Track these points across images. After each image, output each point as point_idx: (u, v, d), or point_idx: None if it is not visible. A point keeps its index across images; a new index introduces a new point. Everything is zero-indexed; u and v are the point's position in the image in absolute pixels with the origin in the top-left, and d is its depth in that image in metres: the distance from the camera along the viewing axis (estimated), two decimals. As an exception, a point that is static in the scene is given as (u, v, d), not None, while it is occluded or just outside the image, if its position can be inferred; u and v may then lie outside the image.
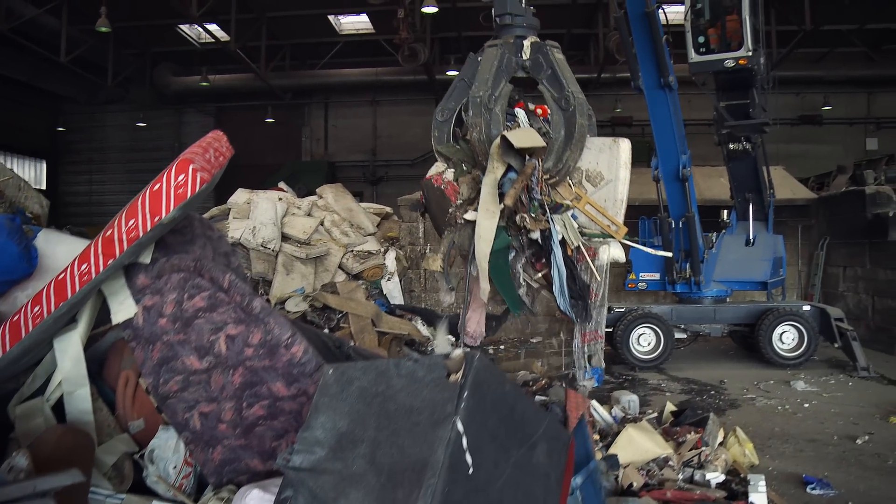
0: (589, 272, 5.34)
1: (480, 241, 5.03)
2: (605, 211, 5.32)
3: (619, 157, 5.37)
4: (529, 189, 5.09)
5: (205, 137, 2.91)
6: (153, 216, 2.41)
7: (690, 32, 8.73)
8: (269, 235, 11.32)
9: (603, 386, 8.11)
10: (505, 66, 5.35)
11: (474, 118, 5.20)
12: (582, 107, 5.19)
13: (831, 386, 8.01)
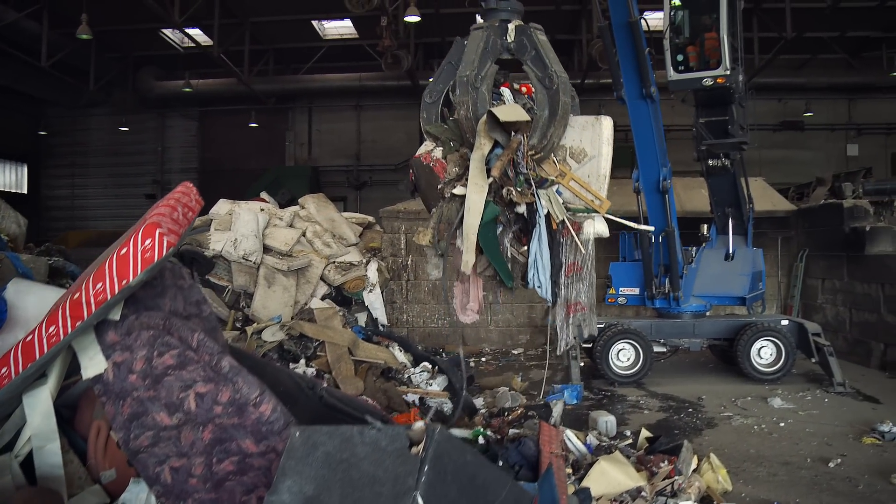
0: (573, 246, 5.47)
1: (470, 214, 5.15)
2: (589, 186, 5.46)
3: (601, 134, 5.52)
4: (515, 163, 5.27)
5: (174, 192, 2.92)
6: (120, 279, 2.43)
7: (669, 51, 8.77)
8: (250, 248, 11.33)
9: (581, 403, 8.20)
10: (490, 47, 5.48)
11: (461, 97, 5.36)
12: (565, 85, 5.28)
13: (807, 402, 8.09)
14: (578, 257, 5.55)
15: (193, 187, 3.13)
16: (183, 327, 2.67)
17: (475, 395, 8.37)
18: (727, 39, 8.42)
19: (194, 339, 2.64)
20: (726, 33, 8.42)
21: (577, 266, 5.59)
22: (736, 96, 8.90)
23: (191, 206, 2.88)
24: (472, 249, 5.20)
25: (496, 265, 5.59)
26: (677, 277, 9.18)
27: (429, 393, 5.90)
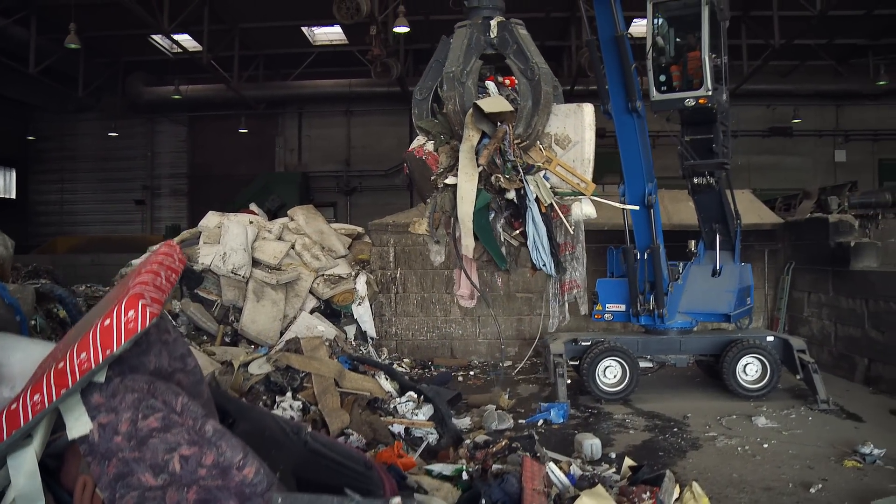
0: (563, 228, 5.80)
1: (463, 202, 5.50)
2: (574, 170, 5.76)
3: (584, 120, 5.84)
4: (503, 152, 5.60)
5: (158, 253, 2.95)
6: (104, 349, 2.47)
7: (651, 71, 8.83)
8: (239, 262, 11.34)
9: (568, 422, 8.26)
10: (474, 44, 5.78)
11: (449, 92, 5.61)
12: (546, 76, 5.57)
13: (791, 421, 8.16)
14: (569, 238, 5.94)
15: (177, 246, 3.16)
16: (167, 391, 2.71)
17: (462, 413, 8.45)
18: (709, 59, 8.48)
19: (178, 403, 2.68)
20: (708, 54, 8.48)
21: (571, 246, 5.97)
22: (720, 116, 8.96)
23: (174, 268, 2.91)
24: (470, 234, 5.59)
25: (489, 249, 6.04)
26: (662, 295, 9.24)
27: (414, 423, 5.94)
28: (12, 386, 3.15)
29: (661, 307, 9.25)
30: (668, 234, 10.99)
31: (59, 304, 7.28)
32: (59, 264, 22.25)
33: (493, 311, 12.29)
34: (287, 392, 5.78)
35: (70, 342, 2.64)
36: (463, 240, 5.62)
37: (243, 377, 5.81)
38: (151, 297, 2.56)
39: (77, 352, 2.48)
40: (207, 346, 10.10)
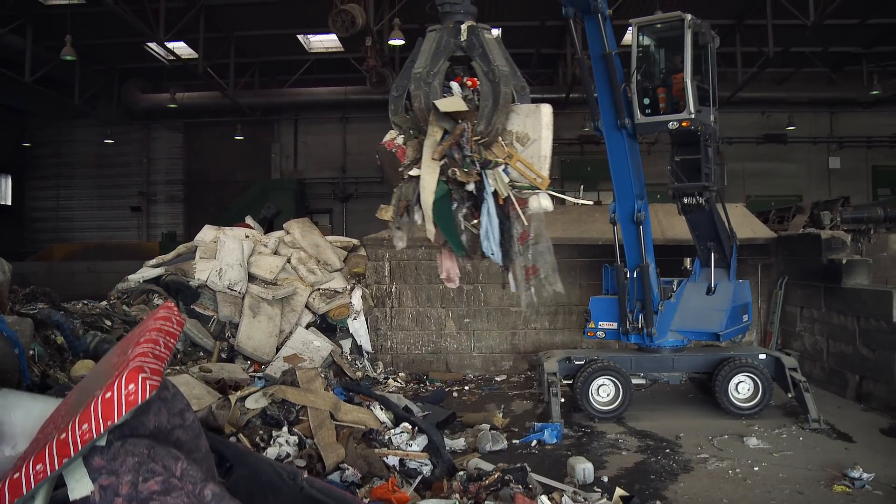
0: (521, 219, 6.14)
1: (424, 192, 5.96)
2: (532, 166, 6.11)
3: (541, 120, 6.15)
4: (461, 147, 6.00)
5: (157, 317, 3.02)
6: (105, 420, 2.54)
7: (635, 94, 8.90)
8: (235, 277, 11.41)
9: (562, 442, 8.32)
10: (443, 46, 6.10)
11: (415, 91, 6.03)
12: (506, 78, 5.88)
13: (783, 441, 8.23)
14: (526, 227, 6.21)
15: (175, 308, 3.23)
16: (167, 455, 2.78)
17: (457, 432, 8.52)
18: (691, 83, 8.56)
19: (178, 468, 2.75)
20: (690, 77, 8.56)
21: (529, 235, 6.22)
22: (707, 137, 9.02)
23: (173, 333, 2.98)
24: (431, 221, 6.00)
25: (447, 236, 6.36)
26: (651, 313, 9.30)
27: (408, 454, 6.02)
28: (13, 444, 3.22)
29: (649, 326, 9.31)
30: (663, 249, 11.09)
31: (56, 330, 7.34)
32: (55, 272, 22.41)
33: (488, 325, 12.43)
34: (283, 426, 5.85)
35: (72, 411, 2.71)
36: (426, 226, 6.05)
37: (240, 411, 5.88)
38: (151, 368, 2.63)
39: (79, 423, 2.55)
40: (204, 363, 10.18)
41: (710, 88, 9.03)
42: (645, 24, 9.02)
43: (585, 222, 12.54)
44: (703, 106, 8.82)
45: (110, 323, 9.86)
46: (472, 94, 6.15)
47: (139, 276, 11.75)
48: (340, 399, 6.56)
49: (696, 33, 8.65)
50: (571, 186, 26.64)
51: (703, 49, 8.94)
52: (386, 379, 11.67)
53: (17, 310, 7.50)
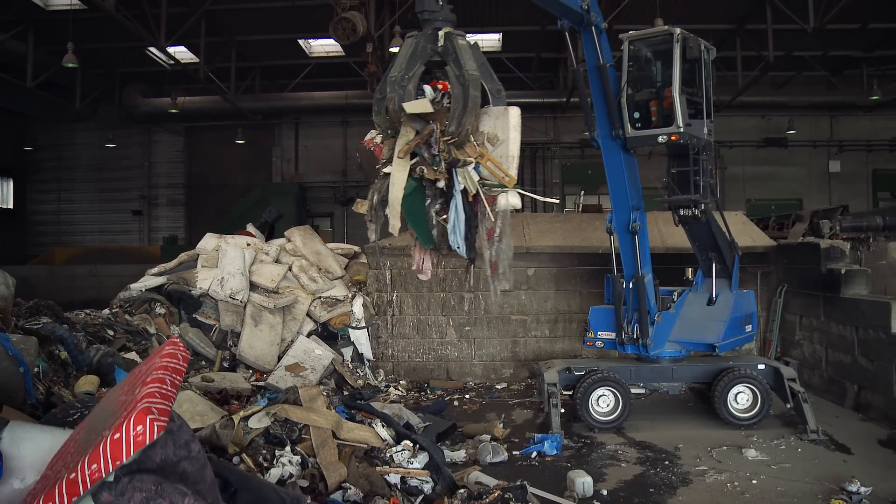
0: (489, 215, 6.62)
1: (394, 187, 6.45)
2: (501, 165, 6.55)
3: (509, 122, 6.59)
4: (430, 146, 6.43)
5: (163, 354, 3.07)
6: (114, 460, 2.60)
7: (626, 108, 8.96)
8: (237, 286, 11.47)
9: (562, 453, 8.37)
10: (420, 52, 6.52)
11: (390, 94, 6.42)
12: (476, 82, 6.29)
13: (781, 453, 8.28)
14: (495, 224, 6.68)
15: (181, 343, 3.28)
16: (174, 492, 2.83)
17: (457, 443, 8.58)
18: (679, 97, 8.60)
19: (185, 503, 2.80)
20: (679, 91, 8.60)
21: (495, 231, 6.69)
22: (693, 151, 9.04)
23: (179, 369, 3.04)
24: (398, 216, 6.48)
25: (416, 229, 7.01)
26: (647, 324, 9.34)
27: (410, 472, 6.07)
28: (22, 478, 3.27)
29: (644, 337, 9.35)
30: (663, 258, 11.17)
31: (60, 345, 7.40)
32: (56, 276, 22.48)
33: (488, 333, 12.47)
34: (286, 445, 5.91)
35: (81, 449, 2.77)
36: (391, 221, 6.53)
37: (244, 431, 5.93)
38: (158, 409, 2.69)
39: (88, 462, 2.61)
40: (206, 373, 10.24)
41: (705, 101, 9.06)
42: (636, 38, 9.07)
43: (586, 230, 12.58)
44: (695, 119, 8.85)
45: (113, 333, 9.92)
46: (441, 97, 6.55)
47: (141, 284, 11.80)
48: (342, 417, 6.62)
49: (685, 47, 8.68)
50: (572, 190, 26.72)
51: (697, 62, 8.99)
52: (387, 387, 11.71)
53: (22, 325, 7.55)
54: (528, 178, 27.86)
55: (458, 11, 6.97)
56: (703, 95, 9.05)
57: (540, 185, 27.86)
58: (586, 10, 8.55)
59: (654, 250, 10.87)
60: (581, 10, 8.54)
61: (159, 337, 10.60)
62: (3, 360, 5.51)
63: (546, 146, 27.76)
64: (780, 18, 19.26)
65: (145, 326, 10.62)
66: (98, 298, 18.22)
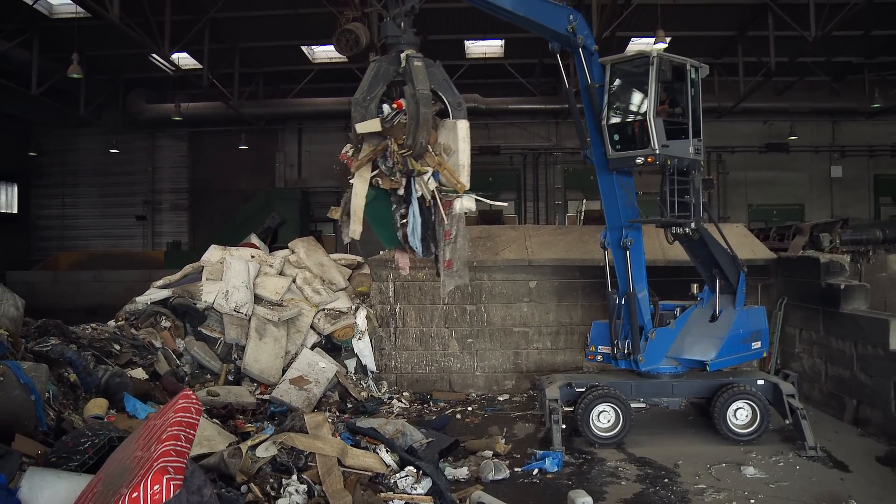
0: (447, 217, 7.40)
1: (355, 197, 7.31)
2: (454, 173, 7.35)
3: (457, 134, 7.39)
4: (386, 159, 7.29)
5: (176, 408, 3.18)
6: (131, 517, 2.70)
7: (607, 131, 9.11)
8: (241, 299, 11.57)
9: (563, 470, 8.47)
10: (382, 74, 7.28)
11: (354, 113, 7.24)
12: (426, 100, 6.99)
13: (779, 470, 8.36)
14: (451, 226, 7.48)
15: (193, 395, 3.39)
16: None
17: (459, 460, 8.68)
18: (654, 120, 8.70)
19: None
20: (652, 115, 8.70)
21: (451, 233, 7.48)
22: (688, 169, 9.14)
23: (192, 423, 3.14)
24: (359, 221, 7.30)
25: (378, 232, 7.90)
26: (638, 340, 9.42)
27: (413, 497, 6.19)
28: (41, 525, 3.38)
29: (636, 353, 9.43)
30: (664, 270, 11.25)
31: (69, 367, 7.52)
32: (60, 281, 22.63)
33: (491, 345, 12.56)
34: (293, 473, 6.02)
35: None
36: (351, 224, 7.34)
37: (251, 460, 6.04)
38: (174, 467, 2.80)
39: (107, 519, 2.72)
40: (211, 387, 10.36)
41: (691, 120, 9.12)
42: (617, 61, 9.17)
43: (588, 243, 12.66)
44: (678, 139, 8.96)
45: (119, 347, 10.03)
46: (394, 114, 7.26)
47: (147, 297, 11.91)
48: (347, 443, 6.73)
49: (660, 70, 8.76)
50: (574, 195, 26.85)
51: (682, 81, 9.08)
52: (390, 399, 11.82)
53: (31, 347, 7.67)
54: (530, 184, 27.99)
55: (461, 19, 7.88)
56: (688, 116, 9.12)
57: (542, 191, 27.96)
58: (572, 33, 8.76)
59: (654, 263, 11.03)
60: (567, 33, 8.75)
61: (165, 351, 10.73)
62: (14, 389, 5.62)
63: (549, 151, 27.86)
64: (782, 25, 19.35)
65: (151, 340, 10.73)
66: (102, 304, 18.37)
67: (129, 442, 3.71)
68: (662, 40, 18.24)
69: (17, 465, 4.32)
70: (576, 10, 9.08)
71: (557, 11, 8.86)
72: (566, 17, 8.84)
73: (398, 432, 8.38)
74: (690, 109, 9.15)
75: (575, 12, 8.96)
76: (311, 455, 6.11)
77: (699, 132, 9.27)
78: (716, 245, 9.74)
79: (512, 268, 12.61)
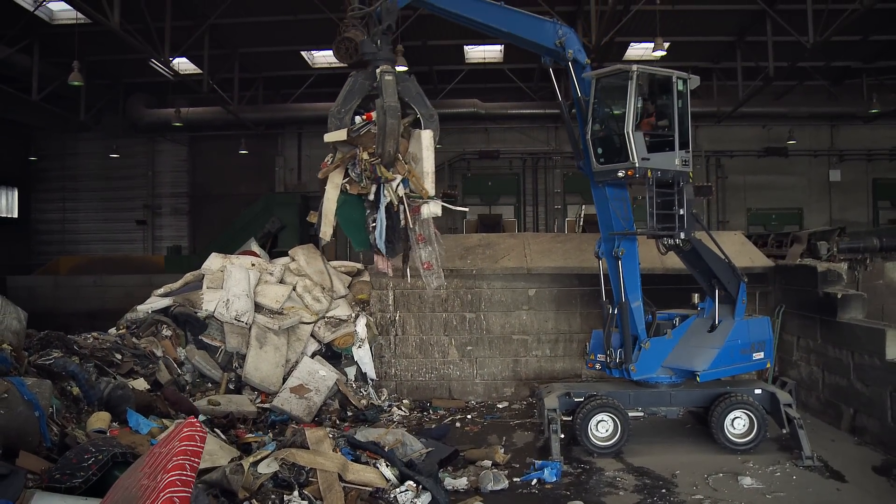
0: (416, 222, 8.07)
1: (327, 201, 8.15)
2: (420, 180, 7.98)
3: (422, 143, 8.09)
4: (354, 167, 8.00)
5: (182, 437, 3.23)
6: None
7: (591, 144, 9.20)
8: (242, 308, 11.64)
9: (561, 480, 8.53)
10: (357, 88, 7.97)
11: (329, 125, 8.00)
12: (392, 112, 7.58)
13: (776, 480, 8.41)
14: (422, 230, 8.11)
15: (197, 423, 3.44)
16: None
17: (459, 470, 8.74)
18: (633, 134, 8.75)
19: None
20: (631, 129, 8.75)
21: (423, 237, 8.10)
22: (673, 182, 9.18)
23: (197, 451, 3.20)
24: (330, 224, 8.13)
25: (348, 234, 8.67)
26: (630, 349, 9.47)
27: (413, 512, 6.27)
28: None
29: (627, 361, 9.48)
30: (662, 279, 11.30)
31: (71, 381, 7.58)
32: (61, 285, 22.70)
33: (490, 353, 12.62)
34: (294, 489, 6.08)
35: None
36: (322, 227, 8.15)
37: (253, 476, 6.10)
38: (180, 497, 2.86)
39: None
40: (212, 396, 10.42)
41: (678, 132, 9.16)
42: (600, 75, 9.21)
43: (586, 251, 12.67)
44: (662, 152, 9.03)
45: (120, 357, 10.09)
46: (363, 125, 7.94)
47: (148, 306, 11.96)
48: (348, 459, 6.80)
49: (637, 85, 8.79)
50: (574, 200, 26.92)
51: (668, 94, 9.14)
52: (390, 406, 11.88)
53: (34, 361, 7.73)
54: (529, 188, 28.06)
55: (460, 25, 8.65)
56: (674, 128, 9.15)
57: (542, 195, 28.04)
58: (561, 47, 8.85)
59: (652, 271, 11.10)
60: (556, 48, 8.85)
61: (166, 360, 10.79)
62: (19, 406, 5.69)
63: (548, 156, 27.93)
64: (780, 31, 19.40)
65: (152, 349, 10.79)
66: (103, 309, 18.45)
67: (134, 469, 3.77)
68: (661, 47, 18.33)
69: (22, 483, 4.39)
70: (566, 24, 9.25)
71: (545, 27, 9.04)
72: (554, 32, 8.99)
73: (398, 442, 8.45)
74: (677, 121, 9.19)
75: (564, 27, 9.09)
76: (313, 471, 6.17)
77: (687, 143, 9.29)
78: (710, 255, 9.75)
79: (511, 276, 12.68)
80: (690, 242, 9.41)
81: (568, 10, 20.04)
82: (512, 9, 8.97)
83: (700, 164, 27.02)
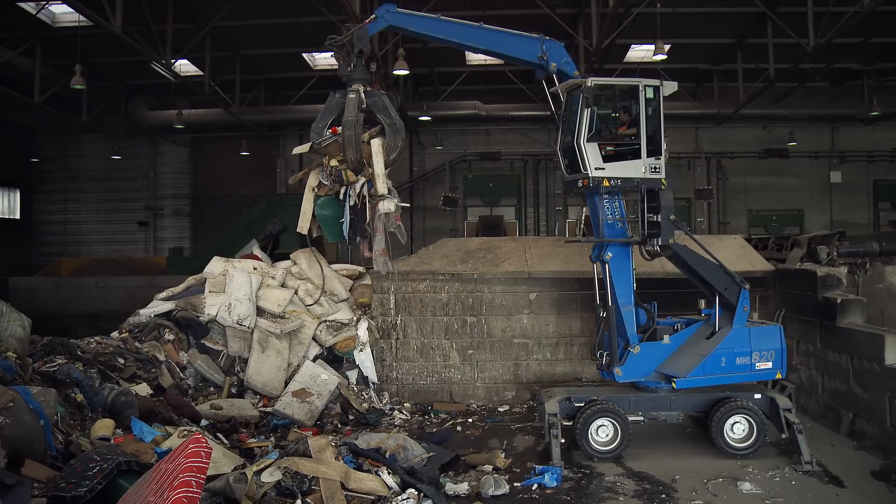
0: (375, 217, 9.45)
1: (305, 202, 10.15)
2: (377, 182, 9.35)
3: (371, 151, 9.40)
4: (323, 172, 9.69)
5: (188, 453, 3.28)
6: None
7: (560, 155, 9.60)
8: (244, 312, 11.69)
9: (562, 485, 8.57)
10: (333, 106, 9.54)
11: (311, 137, 9.68)
12: (349, 124, 9.12)
13: (775, 485, 8.45)
14: (379, 223, 9.44)
15: (203, 439, 3.49)
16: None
17: (460, 474, 8.78)
18: (585, 145, 8.91)
19: None
20: (584, 140, 8.88)
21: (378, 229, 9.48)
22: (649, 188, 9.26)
23: (203, 467, 3.25)
24: (306, 221, 10.29)
25: (324, 228, 10.30)
26: (615, 352, 9.52)
27: (414, 520, 6.32)
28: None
29: (613, 364, 9.53)
30: (662, 283, 11.35)
31: (76, 388, 7.63)
32: (63, 287, 22.75)
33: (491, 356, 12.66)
34: (297, 498, 6.13)
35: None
36: (300, 222, 10.26)
37: (256, 485, 6.15)
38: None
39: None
40: (214, 400, 10.48)
41: (645, 140, 9.20)
42: (566, 88, 9.31)
43: (586, 255, 12.70)
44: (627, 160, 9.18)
45: (123, 361, 10.15)
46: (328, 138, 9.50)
47: (150, 310, 12.01)
48: (350, 466, 6.85)
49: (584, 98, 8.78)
50: (575, 201, 26.94)
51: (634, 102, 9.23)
52: (392, 410, 11.91)
53: (38, 368, 7.79)
54: (530, 189, 28.11)
55: None
56: (642, 136, 9.20)
57: (543, 196, 28.08)
58: (545, 61, 8.95)
59: (652, 275, 11.16)
60: (541, 62, 8.95)
61: (168, 364, 10.84)
62: (24, 415, 5.74)
63: (549, 157, 27.93)
64: (781, 33, 19.45)
65: (155, 353, 10.84)
66: (104, 310, 18.53)
67: (140, 485, 3.82)
68: (662, 50, 18.37)
69: (28, 494, 4.43)
70: (554, 39, 9.41)
71: (526, 43, 9.22)
72: (538, 47, 9.07)
73: (399, 447, 8.50)
74: (645, 129, 9.23)
75: (549, 41, 9.20)
76: (315, 479, 6.23)
77: (658, 150, 9.31)
78: (699, 261, 9.75)
79: (512, 280, 12.72)
80: (671, 248, 9.46)
81: (569, 12, 20.07)
82: (490, 28, 9.35)
83: (701, 165, 27.10)
